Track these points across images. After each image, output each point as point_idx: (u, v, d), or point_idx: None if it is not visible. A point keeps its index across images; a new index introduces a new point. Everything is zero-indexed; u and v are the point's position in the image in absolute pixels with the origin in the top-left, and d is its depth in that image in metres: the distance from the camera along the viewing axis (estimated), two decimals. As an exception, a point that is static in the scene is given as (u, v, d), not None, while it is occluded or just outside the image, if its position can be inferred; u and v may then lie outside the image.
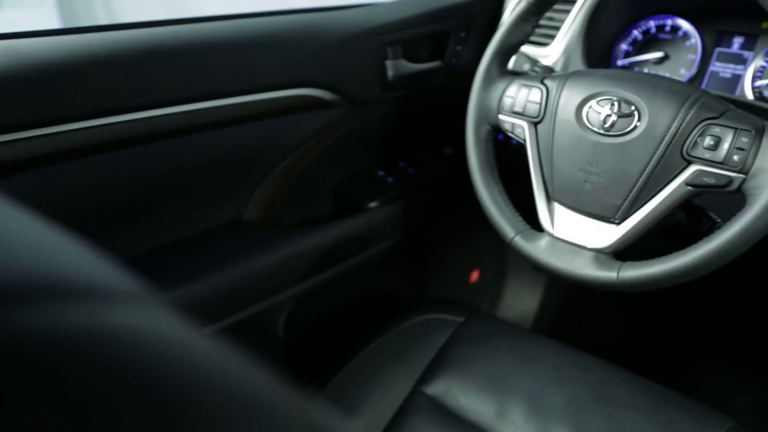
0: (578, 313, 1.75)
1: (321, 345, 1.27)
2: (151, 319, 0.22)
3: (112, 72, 0.82)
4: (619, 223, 0.82)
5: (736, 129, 0.74)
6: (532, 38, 1.23)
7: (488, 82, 0.94)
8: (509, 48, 0.94)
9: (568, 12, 1.21)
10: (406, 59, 1.20)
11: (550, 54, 1.21)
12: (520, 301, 1.74)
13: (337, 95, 1.11)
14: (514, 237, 0.89)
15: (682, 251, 0.75)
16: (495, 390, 0.98)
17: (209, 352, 0.23)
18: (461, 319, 1.12)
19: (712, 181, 0.75)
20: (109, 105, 0.83)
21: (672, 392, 0.96)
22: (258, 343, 1.14)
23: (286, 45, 1.02)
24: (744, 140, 0.73)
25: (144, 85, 0.85)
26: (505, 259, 1.74)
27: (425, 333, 1.10)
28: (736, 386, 1.54)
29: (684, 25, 1.14)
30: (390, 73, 1.18)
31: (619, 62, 1.20)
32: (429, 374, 1.02)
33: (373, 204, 1.26)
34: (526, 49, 1.21)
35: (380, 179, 1.31)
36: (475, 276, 1.68)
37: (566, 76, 0.89)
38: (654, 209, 0.79)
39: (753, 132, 0.73)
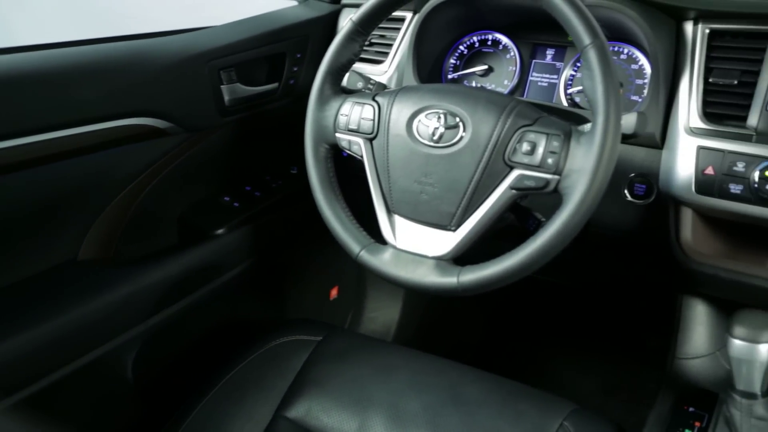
0: (438, 319, 1.81)
1: (176, 382, 1.22)
2: None
3: None
4: (455, 230, 0.85)
5: (548, 134, 0.80)
6: (367, 56, 1.27)
7: (322, 101, 0.96)
8: (340, 67, 0.96)
9: (398, 30, 1.25)
10: (243, 83, 1.19)
11: (385, 71, 1.25)
12: (383, 314, 1.76)
13: (172, 123, 1.07)
14: (359, 252, 0.91)
15: (512, 251, 0.80)
16: (356, 405, 0.98)
17: None
18: (319, 338, 1.12)
19: (532, 183, 0.80)
20: None
21: (520, 385, 1.01)
22: (105, 387, 1.08)
23: (111, 74, 0.98)
24: (555, 144, 0.79)
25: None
26: (364, 273, 1.77)
27: (284, 356, 1.09)
28: (582, 372, 1.65)
29: (503, 39, 1.22)
30: (226, 97, 1.16)
31: (449, 76, 1.26)
32: (289, 398, 1.01)
33: (220, 231, 1.23)
34: (360, 67, 1.25)
35: (226, 205, 1.28)
36: (334, 293, 1.68)
37: (395, 92, 0.92)
38: (485, 214, 0.83)
39: (562, 136, 0.79)
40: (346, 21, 0.94)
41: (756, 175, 0.89)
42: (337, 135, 0.94)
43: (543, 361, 1.72)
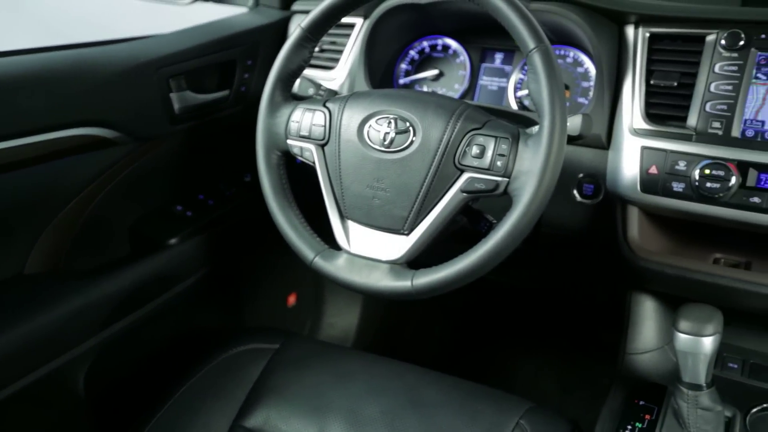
0: (398, 324, 1.81)
1: (131, 396, 1.20)
2: None
3: None
4: (408, 234, 0.86)
5: (496, 137, 0.81)
6: (319, 62, 1.27)
7: (273, 108, 0.95)
8: (290, 74, 0.96)
9: (349, 36, 1.26)
10: (193, 90, 1.18)
11: (336, 77, 1.25)
12: (341, 319, 1.76)
13: (119, 132, 1.05)
14: (313, 258, 0.90)
15: (465, 253, 0.81)
16: (314, 412, 0.98)
17: None
18: (277, 346, 1.11)
19: (482, 186, 0.82)
20: None
21: (478, 386, 1.02)
22: (55, 405, 1.05)
23: (55, 83, 0.96)
24: (504, 147, 0.80)
25: None
26: (322, 280, 1.76)
27: (241, 365, 1.08)
28: (540, 370, 1.68)
29: (453, 44, 1.24)
30: (176, 105, 1.14)
31: (401, 81, 1.27)
32: (247, 407, 1.00)
33: (173, 240, 1.21)
34: (312, 73, 1.25)
35: (179, 214, 1.26)
36: (292, 300, 1.68)
37: (346, 98, 0.92)
38: (437, 217, 0.84)
39: (510, 139, 0.80)
40: (295, 27, 0.94)
41: (696, 173, 0.92)
42: (289, 142, 0.94)
43: (502, 361, 1.74)
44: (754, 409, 1.00)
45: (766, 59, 0.92)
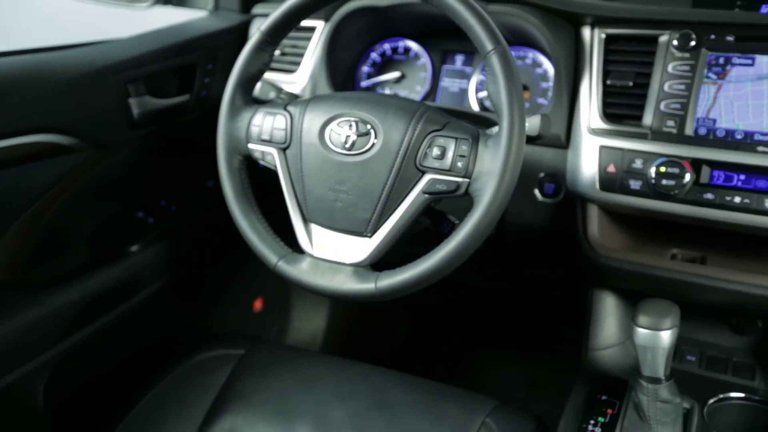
0: (365, 326, 1.81)
1: (93, 408, 1.17)
2: None
3: None
4: (371, 236, 0.86)
5: (457, 138, 0.82)
6: (280, 65, 1.27)
7: (234, 112, 0.95)
8: (250, 78, 0.95)
9: (310, 39, 1.26)
10: (152, 95, 1.16)
11: (298, 80, 1.25)
12: (308, 323, 1.76)
13: (77, 139, 1.04)
14: (276, 262, 0.90)
15: (428, 254, 0.82)
16: (281, 417, 0.98)
17: None
18: (242, 352, 1.10)
19: (443, 187, 0.82)
20: None
21: (444, 385, 1.03)
22: (14, 418, 1.03)
23: (10, 89, 0.94)
24: (464, 148, 0.81)
25: None
26: (288, 284, 1.75)
27: (206, 372, 1.07)
28: (507, 367, 1.70)
29: (414, 46, 1.25)
30: (135, 110, 1.13)
31: (363, 83, 1.28)
32: (213, 414, 0.99)
33: (134, 248, 1.19)
34: (273, 76, 1.24)
35: (140, 221, 1.25)
36: (258, 305, 1.67)
37: (307, 101, 0.92)
38: (400, 219, 0.85)
39: (470, 140, 0.81)
40: (255, 31, 0.94)
41: (652, 171, 0.95)
42: (250, 146, 0.94)
43: (469, 359, 1.75)
44: (711, 400, 1.02)
45: (716, 59, 0.95)
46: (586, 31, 1.05)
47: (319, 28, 1.24)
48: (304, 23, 1.19)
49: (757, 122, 0.92)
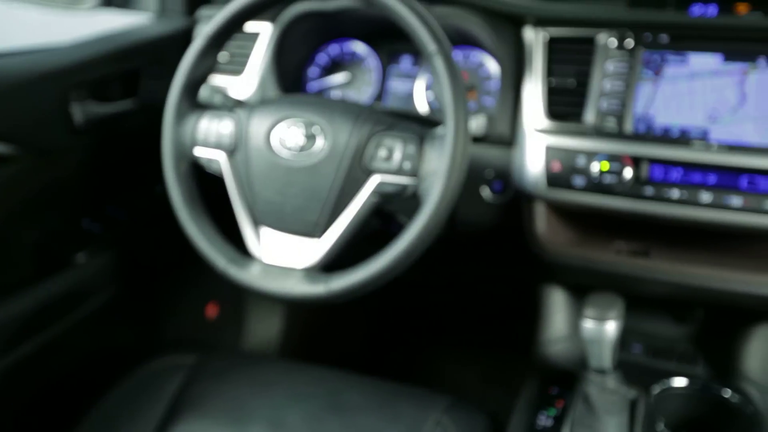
0: (321, 329, 1.81)
1: (39, 423, 1.14)
2: None
3: None
4: (321, 239, 0.86)
5: (403, 140, 0.83)
6: (228, 69, 1.25)
7: (179, 117, 0.93)
8: (195, 82, 0.94)
9: (256, 42, 1.25)
10: (96, 101, 1.14)
11: (246, 84, 1.24)
12: (265, 328, 1.74)
13: (18, 146, 1.01)
14: (227, 268, 0.89)
15: (377, 255, 0.82)
16: (235, 423, 0.97)
17: None
18: (194, 360, 1.09)
19: (391, 188, 0.83)
20: None
21: (398, 386, 1.04)
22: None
23: None
24: (411, 149, 0.82)
25: None
26: (243, 289, 1.73)
27: (157, 382, 1.05)
28: (463, 364, 1.72)
29: (361, 48, 1.25)
30: (78, 117, 1.10)
31: (311, 86, 1.28)
32: (166, 424, 0.98)
33: (80, 257, 1.16)
34: (221, 80, 1.23)
35: (86, 230, 1.22)
36: (213, 311, 1.64)
37: (253, 105, 0.92)
38: (349, 221, 0.85)
39: (417, 141, 0.82)
40: (198, 35, 0.93)
41: (595, 168, 0.97)
42: (196, 151, 0.93)
43: (426, 358, 1.76)
44: (656, 389, 1.05)
45: (651, 58, 0.98)
46: (529, 32, 1.07)
47: (266, 31, 1.23)
48: (251, 26, 1.18)
49: (692, 118, 0.96)
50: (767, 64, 0.93)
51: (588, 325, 0.89)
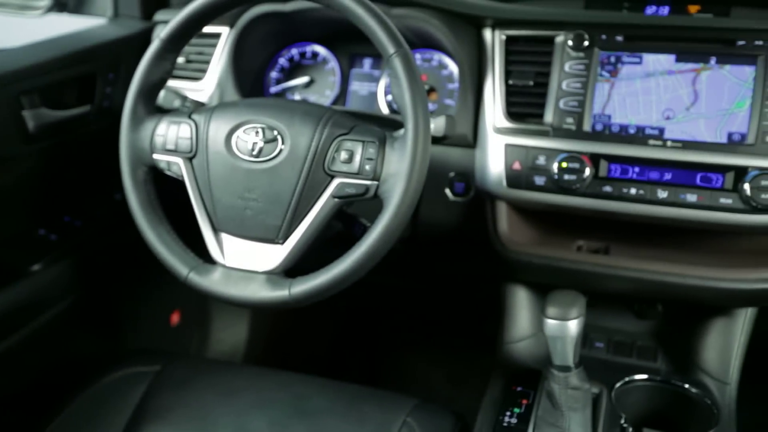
0: (287, 333, 1.80)
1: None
2: None
3: None
4: (283, 243, 0.86)
5: (364, 142, 0.82)
6: (185, 73, 1.24)
7: (136, 122, 0.92)
8: (152, 86, 0.93)
9: (215, 45, 1.23)
10: (50, 107, 1.11)
11: (205, 88, 1.22)
12: (229, 334, 1.72)
13: None
14: (187, 274, 0.88)
15: (340, 259, 0.82)
16: (200, 431, 0.96)
17: None
18: (158, 368, 1.07)
19: (353, 191, 0.83)
20: None
21: (364, 388, 1.03)
22: None
23: None
24: (371, 151, 0.82)
25: None
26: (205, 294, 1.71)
27: (119, 391, 1.03)
28: (430, 364, 1.72)
29: (321, 50, 1.25)
30: (30, 123, 1.08)
31: (272, 89, 1.27)
32: None
33: (36, 267, 1.14)
34: (180, 84, 1.21)
35: (42, 238, 1.19)
36: (176, 318, 1.62)
37: (212, 109, 0.90)
38: (311, 224, 0.84)
39: (377, 143, 0.82)
40: (154, 38, 0.92)
41: (555, 167, 0.98)
42: (155, 156, 0.91)
43: (393, 360, 1.77)
44: (618, 384, 1.07)
45: (608, 58, 0.99)
46: (488, 33, 1.08)
47: (225, 34, 1.22)
48: (209, 29, 1.17)
49: (648, 117, 0.98)
50: (717, 64, 0.95)
51: (551, 322, 0.90)
